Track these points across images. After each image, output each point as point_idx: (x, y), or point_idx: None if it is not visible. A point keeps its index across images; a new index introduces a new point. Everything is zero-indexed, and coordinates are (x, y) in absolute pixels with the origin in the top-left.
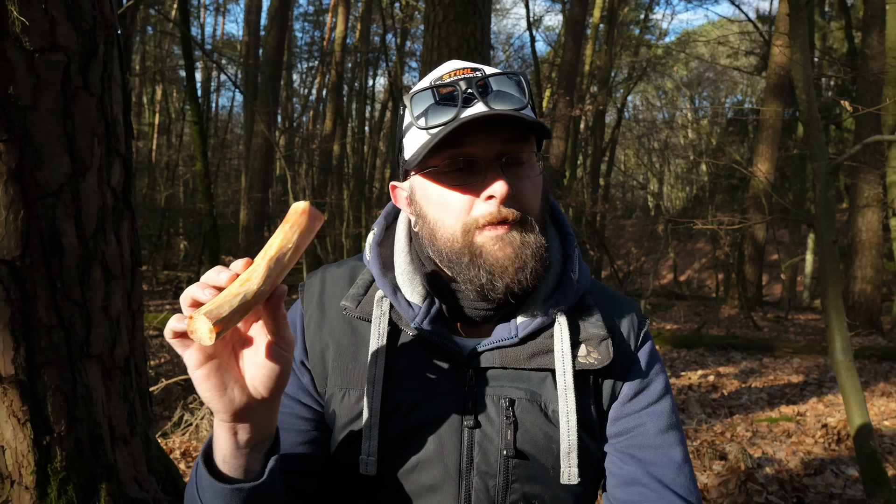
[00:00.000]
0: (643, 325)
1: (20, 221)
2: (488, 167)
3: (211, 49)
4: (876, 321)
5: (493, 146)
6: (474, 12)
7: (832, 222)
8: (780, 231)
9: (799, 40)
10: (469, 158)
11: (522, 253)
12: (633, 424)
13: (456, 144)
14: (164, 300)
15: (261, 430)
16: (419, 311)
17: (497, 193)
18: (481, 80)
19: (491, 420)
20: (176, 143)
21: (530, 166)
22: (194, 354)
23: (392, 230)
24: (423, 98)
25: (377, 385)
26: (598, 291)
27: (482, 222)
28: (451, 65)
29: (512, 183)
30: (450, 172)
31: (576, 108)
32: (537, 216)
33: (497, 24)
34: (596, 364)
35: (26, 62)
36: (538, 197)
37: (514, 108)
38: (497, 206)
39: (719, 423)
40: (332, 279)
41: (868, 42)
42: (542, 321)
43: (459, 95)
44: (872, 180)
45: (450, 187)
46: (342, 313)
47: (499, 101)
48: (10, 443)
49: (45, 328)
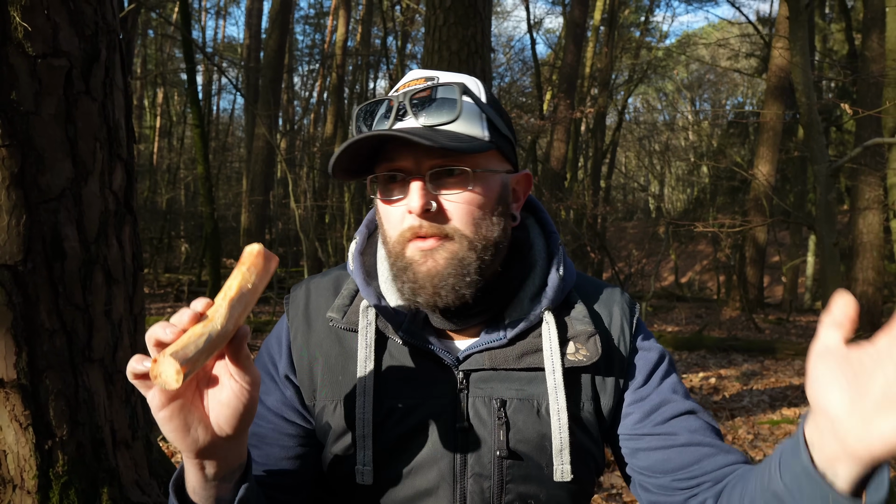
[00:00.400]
0: (634, 312)
1: (22, 226)
2: (413, 179)
3: (212, 52)
4: (877, 323)
5: (425, 160)
6: (475, 15)
7: (833, 225)
8: (781, 233)
9: (798, 43)
10: (395, 172)
11: (443, 270)
12: (659, 401)
13: (391, 158)
14: (165, 303)
15: (228, 463)
16: (405, 318)
17: (412, 207)
18: (421, 91)
19: (483, 421)
20: (177, 147)
21: (463, 179)
22: (157, 395)
23: (374, 238)
24: (359, 111)
25: (367, 395)
26: (584, 285)
27: (408, 235)
28: (411, 75)
29: (434, 196)
30: (385, 185)
31: (576, 111)
32: (468, 230)
33: (497, 26)
34: (585, 361)
35: (29, 67)
36: (473, 211)
37: (443, 122)
38: (418, 220)
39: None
40: (316, 290)
41: (868, 44)
42: (529, 321)
43: (393, 109)
44: (873, 182)
45: (385, 199)
46: (329, 325)
47: (431, 115)
48: (12, 447)
49: (47, 332)
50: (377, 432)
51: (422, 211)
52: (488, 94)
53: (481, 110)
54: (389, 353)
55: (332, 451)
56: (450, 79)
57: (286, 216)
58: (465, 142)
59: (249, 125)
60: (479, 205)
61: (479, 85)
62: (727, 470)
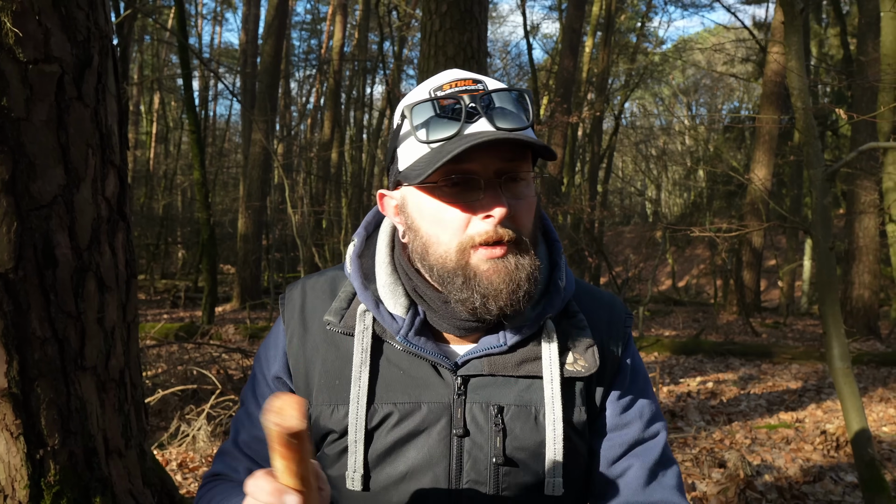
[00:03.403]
0: (628, 323)
1: (13, 233)
2: (487, 185)
3: (208, 58)
4: (874, 326)
5: (492, 163)
6: (471, 20)
7: (829, 229)
8: (777, 237)
9: (794, 48)
10: (467, 175)
11: (517, 276)
12: (622, 422)
13: (455, 160)
14: (161, 309)
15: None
16: (403, 323)
17: (496, 213)
18: (485, 94)
19: (480, 428)
20: (174, 152)
21: (527, 185)
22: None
23: (373, 241)
24: (423, 109)
25: (360, 401)
26: (581, 293)
27: (478, 241)
28: (451, 74)
29: (509, 203)
30: (446, 187)
31: (573, 115)
32: (531, 236)
33: (494, 31)
34: (583, 372)
35: (20, 73)
36: (532, 216)
37: (518, 127)
38: (494, 225)
39: (718, 431)
40: (312, 292)
41: (863, 49)
42: (530, 329)
43: (463, 110)
44: (869, 186)
45: (446, 202)
46: (325, 328)
47: (503, 119)
48: (3, 456)
49: (38, 341)
50: (371, 437)
51: (504, 217)
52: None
53: (535, 116)
54: (386, 358)
55: (327, 453)
56: (496, 84)
57: (283, 222)
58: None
59: (246, 131)
60: (534, 210)
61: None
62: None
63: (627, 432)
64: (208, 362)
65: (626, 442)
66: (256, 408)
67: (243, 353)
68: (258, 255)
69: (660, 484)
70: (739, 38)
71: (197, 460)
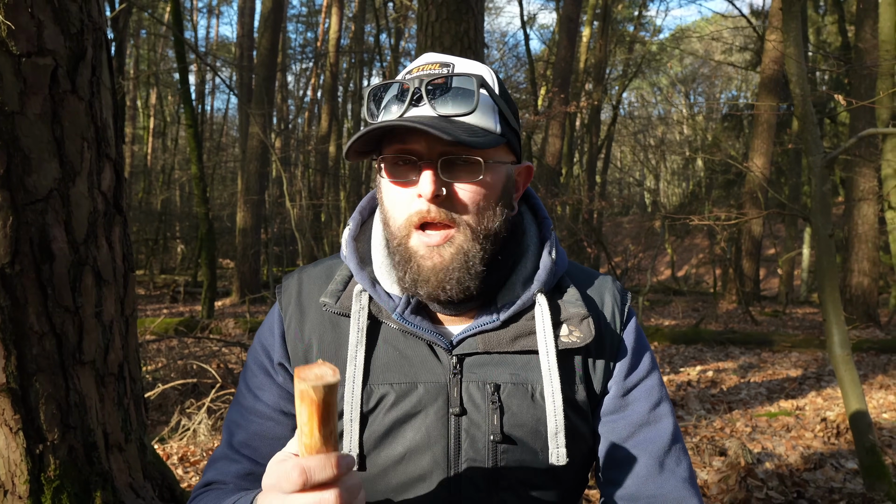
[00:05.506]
0: (625, 300)
1: (9, 228)
2: (425, 166)
3: (205, 52)
4: (873, 314)
5: (437, 146)
6: (467, 11)
7: (828, 216)
8: (776, 225)
9: (792, 35)
10: (408, 155)
11: (448, 266)
12: (626, 403)
13: (403, 140)
14: (161, 304)
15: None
16: (399, 301)
17: (424, 192)
18: (437, 78)
19: (477, 406)
20: (171, 147)
21: (474, 169)
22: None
23: (368, 225)
24: (379, 92)
25: (356, 381)
26: (576, 272)
27: (416, 219)
28: (425, 58)
29: (445, 183)
30: (395, 167)
31: (571, 105)
32: (476, 221)
33: (491, 22)
34: (578, 342)
35: (13, 66)
36: (480, 201)
37: (459, 113)
38: (427, 204)
39: (718, 419)
40: (308, 279)
41: (861, 36)
42: (522, 303)
43: (409, 94)
44: (868, 173)
45: (392, 181)
46: (322, 310)
47: (443, 105)
48: (3, 452)
49: (36, 335)
50: (367, 418)
51: (433, 196)
52: (500, 86)
53: (495, 103)
54: (383, 338)
55: None
56: (466, 68)
57: (282, 215)
58: (479, 136)
59: (243, 124)
60: (486, 196)
61: (493, 76)
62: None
63: (633, 412)
64: (208, 356)
65: (633, 422)
66: (254, 400)
67: (243, 347)
68: (257, 248)
69: (672, 474)
70: (737, 27)
71: (198, 454)
